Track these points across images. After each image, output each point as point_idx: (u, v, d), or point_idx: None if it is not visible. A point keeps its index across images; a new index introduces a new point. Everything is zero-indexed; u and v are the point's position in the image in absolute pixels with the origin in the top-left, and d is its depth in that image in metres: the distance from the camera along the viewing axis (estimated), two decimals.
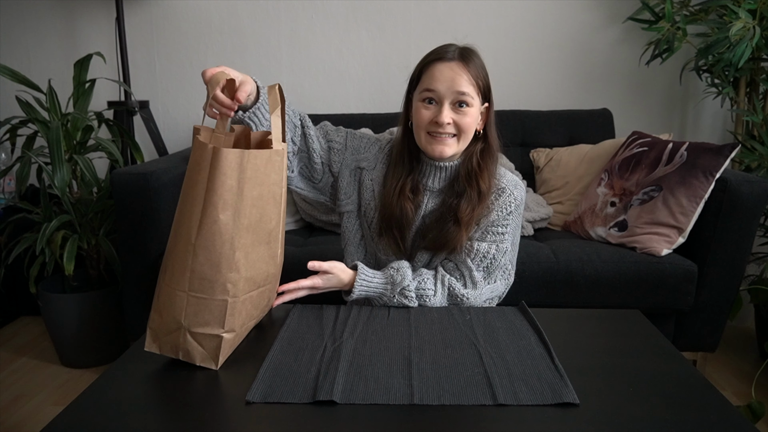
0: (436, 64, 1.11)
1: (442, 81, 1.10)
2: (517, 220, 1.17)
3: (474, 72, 1.11)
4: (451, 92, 1.10)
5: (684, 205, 1.69)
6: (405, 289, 1.09)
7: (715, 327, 1.76)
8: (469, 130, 1.12)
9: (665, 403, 0.73)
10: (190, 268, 0.80)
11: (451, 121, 1.10)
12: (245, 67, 2.44)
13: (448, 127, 1.11)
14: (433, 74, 1.11)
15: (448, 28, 2.37)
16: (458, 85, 1.09)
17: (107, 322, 2.01)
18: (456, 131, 1.12)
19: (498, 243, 1.14)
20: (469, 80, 1.10)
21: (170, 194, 1.77)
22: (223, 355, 0.83)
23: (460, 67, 1.10)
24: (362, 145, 1.24)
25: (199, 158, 0.80)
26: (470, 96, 1.10)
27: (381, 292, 1.11)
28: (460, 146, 1.14)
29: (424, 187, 1.19)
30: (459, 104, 1.10)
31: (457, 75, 1.10)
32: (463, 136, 1.13)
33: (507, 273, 1.18)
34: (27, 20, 2.43)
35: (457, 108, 1.11)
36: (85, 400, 0.74)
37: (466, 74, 1.10)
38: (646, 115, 2.41)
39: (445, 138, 1.11)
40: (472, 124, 1.13)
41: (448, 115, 1.10)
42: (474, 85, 1.11)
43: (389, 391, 0.75)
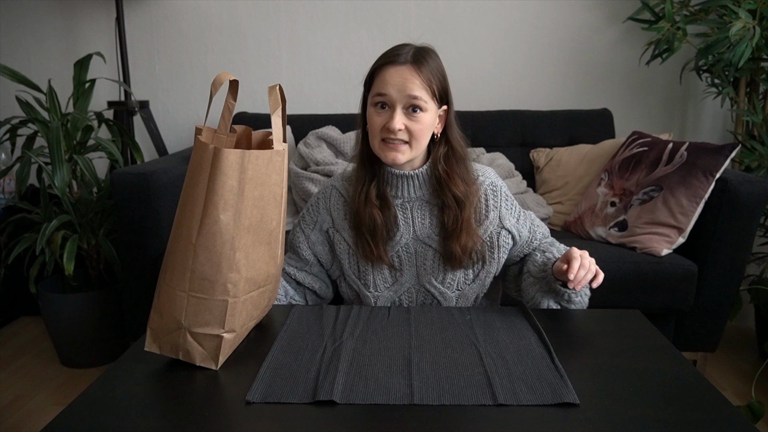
0: (387, 68, 1.06)
1: (393, 85, 1.04)
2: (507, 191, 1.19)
3: (427, 75, 1.05)
4: (402, 97, 1.04)
5: (684, 205, 1.69)
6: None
7: (715, 327, 1.76)
8: (422, 136, 1.07)
9: (665, 403, 0.73)
10: (190, 269, 0.80)
11: (402, 127, 1.04)
12: (245, 67, 2.44)
13: (400, 133, 1.05)
14: (384, 78, 1.05)
15: (448, 28, 2.37)
16: (409, 90, 1.03)
17: (107, 322, 2.01)
18: (408, 138, 1.06)
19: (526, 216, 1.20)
20: (421, 84, 1.04)
21: (170, 194, 1.77)
22: (223, 355, 0.83)
23: (412, 71, 1.04)
24: (314, 215, 1.19)
25: (200, 158, 0.80)
26: (423, 100, 1.04)
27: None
28: (414, 152, 1.08)
29: (398, 198, 1.13)
30: (411, 109, 1.05)
31: (409, 79, 1.04)
32: (415, 143, 1.07)
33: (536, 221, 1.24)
34: (27, 20, 2.43)
35: (410, 113, 1.05)
36: (85, 400, 0.74)
37: (418, 78, 1.04)
38: (646, 115, 2.41)
39: (397, 144, 1.06)
40: (426, 129, 1.07)
41: (399, 121, 1.04)
42: (427, 89, 1.05)
43: (389, 391, 0.75)
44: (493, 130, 2.24)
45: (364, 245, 1.13)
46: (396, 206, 1.13)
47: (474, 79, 2.41)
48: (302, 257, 1.20)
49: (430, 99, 1.06)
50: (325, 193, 1.20)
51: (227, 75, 0.85)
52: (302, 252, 1.19)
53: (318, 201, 1.20)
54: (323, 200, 1.19)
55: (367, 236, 1.12)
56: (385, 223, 1.12)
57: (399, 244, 1.14)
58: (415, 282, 1.15)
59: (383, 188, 1.13)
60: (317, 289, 1.21)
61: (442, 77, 1.09)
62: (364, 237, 1.12)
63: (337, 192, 1.18)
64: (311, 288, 1.20)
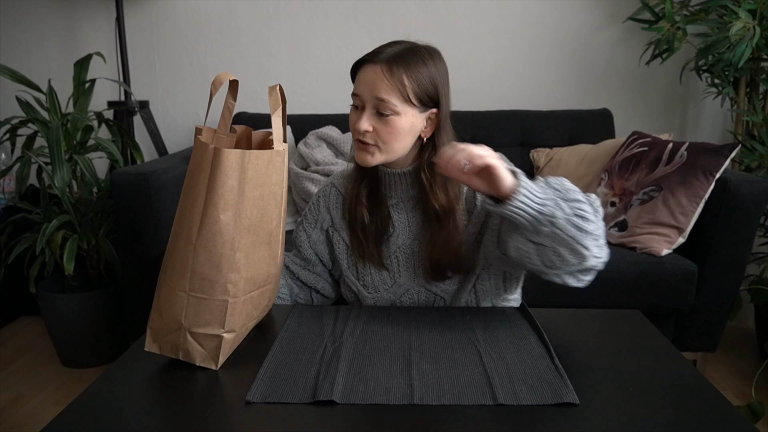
0: (362, 66, 1.02)
1: (365, 84, 1.00)
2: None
3: (399, 77, 0.98)
4: (371, 97, 1.00)
5: (684, 205, 1.69)
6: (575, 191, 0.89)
7: (715, 327, 1.76)
8: (392, 140, 1.01)
9: (665, 403, 0.73)
10: (190, 268, 0.80)
11: (370, 128, 1.00)
12: (245, 67, 2.44)
13: (368, 135, 1.01)
14: (358, 77, 1.02)
15: (448, 28, 2.37)
16: (376, 91, 0.99)
17: (107, 322, 2.01)
18: (375, 141, 1.01)
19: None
20: (390, 87, 0.98)
21: (170, 194, 1.77)
22: (223, 355, 0.83)
23: (383, 72, 0.98)
24: (315, 213, 1.19)
25: (201, 158, 0.80)
26: (392, 104, 0.98)
27: (552, 194, 0.88)
28: (386, 156, 1.03)
29: (392, 198, 1.10)
30: (379, 112, 1.00)
31: (379, 80, 0.98)
32: (385, 146, 1.01)
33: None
34: (27, 20, 2.43)
35: (380, 116, 1.00)
36: (85, 400, 0.74)
37: (388, 81, 0.98)
38: (646, 115, 2.41)
39: (367, 146, 1.02)
40: (397, 134, 1.01)
41: (366, 123, 1.00)
42: (398, 93, 0.98)
43: (389, 391, 0.75)
44: (493, 130, 2.24)
45: (358, 244, 1.12)
46: (391, 206, 1.11)
47: (474, 79, 2.41)
48: (305, 257, 1.19)
49: (402, 103, 0.99)
50: (325, 192, 1.19)
51: (227, 75, 0.85)
52: (304, 251, 1.19)
53: (318, 200, 1.20)
54: (323, 199, 1.19)
55: (359, 235, 1.11)
56: (375, 223, 1.10)
57: (396, 245, 1.12)
58: (415, 283, 1.12)
59: (377, 187, 1.11)
60: (320, 289, 1.20)
61: (430, 80, 1.01)
62: (357, 236, 1.11)
63: (336, 190, 1.17)
64: (315, 288, 1.20)
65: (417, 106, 1.01)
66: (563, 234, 0.86)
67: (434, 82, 1.02)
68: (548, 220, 0.86)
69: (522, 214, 0.86)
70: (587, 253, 0.88)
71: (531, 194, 0.87)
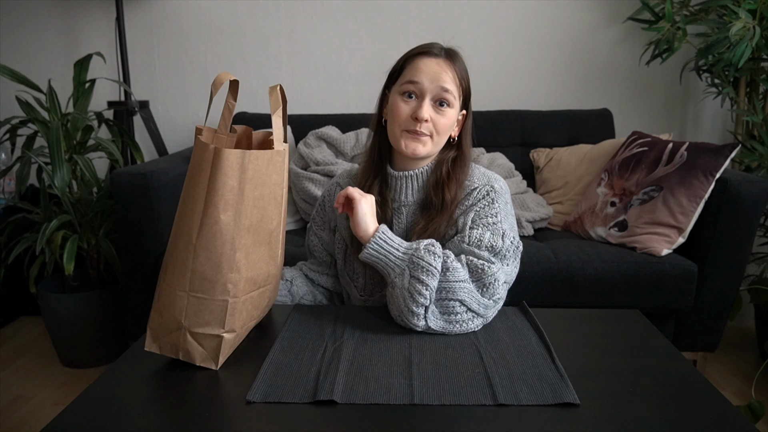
0: (421, 58, 1.05)
1: (427, 74, 1.03)
2: (505, 207, 1.06)
3: (459, 73, 1.05)
4: (434, 87, 1.02)
5: (684, 205, 1.69)
6: (431, 245, 0.97)
7: (715, 327, 1.76)
8: (444, 131, 1.05)
9: (665, 403, 0.73)
10: (190, 269, 0.80)
11: (429, 118, 1.02)
12: (245, 67, 2.44)
13: (426, 125, 1.03)
14: (418, 66, 1.04)
15: (448, 28, 2.37)
16: (443, 81, 1.02)
17: (107, 322, 2.01)
18: (431, 131, 1.04)
19: (492, 231, 1.02)
20: (453, 79, 1.04)
21: (170, 194, 1.77)
22: (223, 355, 0.83)
23: (447, 64, 1.04)
24: (322, 214, 1.20)
25: (201, 158, 0.80)
26: (452, 95, 1.04)
27: (404, 250, 0.98)
28: (433, 148, 1.06)
29: (395, 202, 1.11)
30: (440, 103, 1.03)
31: (443, 71, 1.03)
32: (437, 138, 1.05)
33: (516, 254, 1.03)
34: (27, 20, 2.43)
35: (438, 107, 1.03)
36: (85, 400, 0.74)
37: (452, 72, 1.04)
38: (646, 115, 2.41)
39: (420, 136, 1.04)
40: (448, 127, 1.05)
41: (427, 111, 1.02)
42: (458, 86, 1.05)
43: (389, 391, 0.75)
44: (493, 130, 2.24)
45: (358, 246, 1.10)
46: (393, 210, 1.12)
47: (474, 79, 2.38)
48: (321, 260, 1.20)
49: (457, 97, 1.05)
50: (330, 191, 1.20)
51: (227, 75, 0.85)
52: (319, 255, 1.19)
53: (324, 200, 1.20)
54: (328, 198, 1.19)
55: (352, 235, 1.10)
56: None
57: None
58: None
59: (384, 191, 1.11)
60: (341, 291, 1.21)
61: (468, 80, 1.08)
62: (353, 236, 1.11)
63: (340, 188, 1.17)
64: (336, 290, 1.21)
65: (461, 103, 1.07)
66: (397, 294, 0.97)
67: (468, 84, 1.09)
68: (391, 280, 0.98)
69: (374, 261, 1.00)
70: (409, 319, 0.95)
71: (382, 250, 0.99)
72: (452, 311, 0.94)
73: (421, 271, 0.94)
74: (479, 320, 0.96)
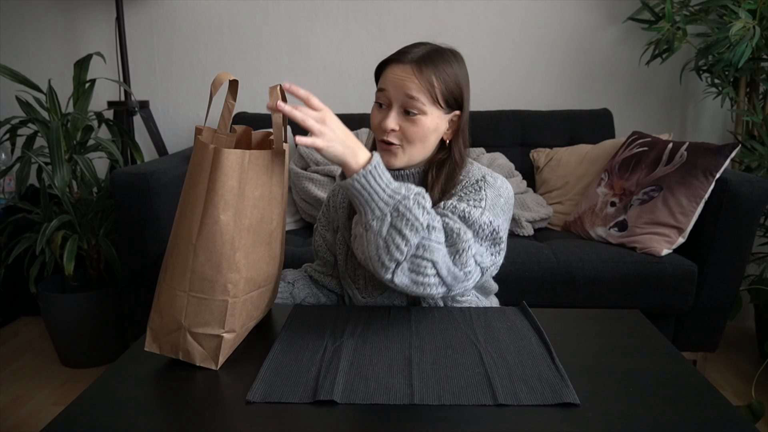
0: (391, 65, 1.02)
1: (393, 82, 1.00)
2: (494, 200, 1.00)
3: (428, 77, 0.99)
4: (399, 95, 0.99)
5: (684, 205, 1.69)
6: (421, 196, 0.89)
7: (715, 327, 1.76)
8: (416, 140, 1.01)
9: (665, 403, 0.73)
10: (190, 269, 0.80)
11: (396, 127, 1.00)
12: (245, 67, 2.44)
13: (393, 134, 1.00)
14: (386, 74, 1.02)
15: (448, 28, 2.37)
16: (407, 89, 0.98)
17: (107, 322, 2.01)
18: (400, 140, 1.01)
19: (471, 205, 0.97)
20: (420, 85, 0.98)
21: (170, 194, 1.77)
22: (223, 356, 0.83)
23: (413, 71, 0.99)
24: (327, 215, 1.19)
25: (201, 158, 0.80)
26: (420, 102, 0.98)
27: (391, 192, 0.88)
28: (410, 157, 1.03)
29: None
30: (407, 111, 0.99)
31: (408, 79, 0.98)
32: (408, 146, 1.01)
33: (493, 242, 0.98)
34: (27, 20, 2.43)
35: (406, 115, 1.00)
36: (85, 400, 0.74)
37: (418, 79, 0.98)
38: (646, 115, 2.41)
39: (391, 147, 1.01)
40: (422, 134, 1.00)
41: (393, 121, 0.99)
42: (427, 92, 0.99)
43: (389, 391, 0.75)
44: (493, 130, 2.24)
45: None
46: None
47: (474, 79, 2.37)
48: (325, 261, 1.19)
49: (430, 103, 1.00)
50: (334, 192, 1.19)
51: (227, 75, 0.85)
52: (323, 255, 1.19)
53: (329, 200, 1.20)
54: (332, 199, 1.19)
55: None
56: None
57: None
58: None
59: None
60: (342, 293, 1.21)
61: (454, 82, 1.02)
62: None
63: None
64: (340, 293, 1.20)
65: (443, 107, 1.02)
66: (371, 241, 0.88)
67: (459, 84, 1.03)
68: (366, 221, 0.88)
69: (354, 194, 0.88)
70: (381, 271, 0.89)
71: (368, 186, 0.87)
72: (422, 272, 0.89)
73: (405, 223, 0.86)
74: (443, 289, 0.93)
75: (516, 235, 1.94)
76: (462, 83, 1.04)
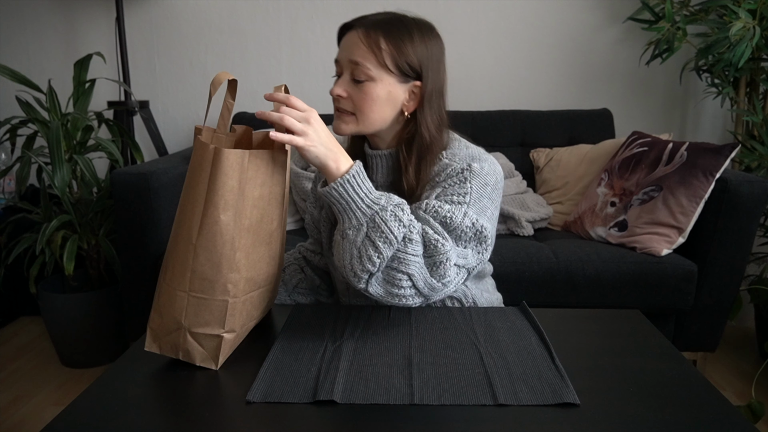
0: (345, 32, 1.00)
1: (342, 50, 0.98)
2: (480, 189, 0.96)
3: (376, 41, 0.94)
4: (346, 62, 0.96)
5: (684, 205, 1.69)
6: (400, 208, 0.87)
7: (715, 327, 1.76)
8: (366, 108, 0.96)
9: (665, 403, 0.73)
10: (190, 269, 0.80)
11: (344, 94, 0.97)
12: (245, 67, 2.44)
13: (343, 102, 0.97)
14: (340, 44, 1.00)
15: (448, 28, 2.37)
16: (352, 54, 0.95)
17: (107, 322, 2.01)
18: (352, 108, 0.98)
19: (453, 205, 0.94)
20: (366, 51, 0.94)
21: (170, 194, 1.77)
22: (223, 356, 0.83)
23: (362, 36, 0.95)
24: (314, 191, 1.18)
25: (201, 158, 0.80)
26: (366, 68, 0.94)
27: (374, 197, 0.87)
28: (362, 127, 0.99)
29: (372, 182, 1.04)
30: (354, 78, 0.96)
31: (355, 44, 0.95)
32: (360, 115, 0.98)
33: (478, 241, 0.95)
34: (27, 20, 2.43)
35: (355, 82, 0.96)
36: (85, 400, 0.74)
37: (366, 43, 0.94)
38: (646, 115, 2.41)
39: (342, 114, 0.98)
40: (373, 102, 0.96)
41: (339, 88, 0.97)
42: (373, 57, 0.94)
43: (389, 391, 0.75)
44: (493, 130, 2.24)
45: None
46: None
47: (474, 79, 2.41)
48: (316, 239, 1.18)
49: (377, 67, 0.95)
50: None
51: (226, 74, 0.85)
52: (311, 232, 1.18)
53: (317, 177, 1.18)
54: (320, 174, 1.15)
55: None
56: None
57: None
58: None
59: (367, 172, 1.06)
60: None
61: (412, 49, 0.96)
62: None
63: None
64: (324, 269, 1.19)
65: (395, 74, 0.97)
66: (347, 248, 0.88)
67: (417, 53, 0.97)
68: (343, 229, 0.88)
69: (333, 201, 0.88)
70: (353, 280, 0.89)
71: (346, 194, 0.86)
72: (397, 284, 0.89)
73: (380, 235, 0.85)
74: (420, 299, 0.92)
75: (516, 235, 1.94)
76: (422, 52, 0.98)
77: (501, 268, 1.65)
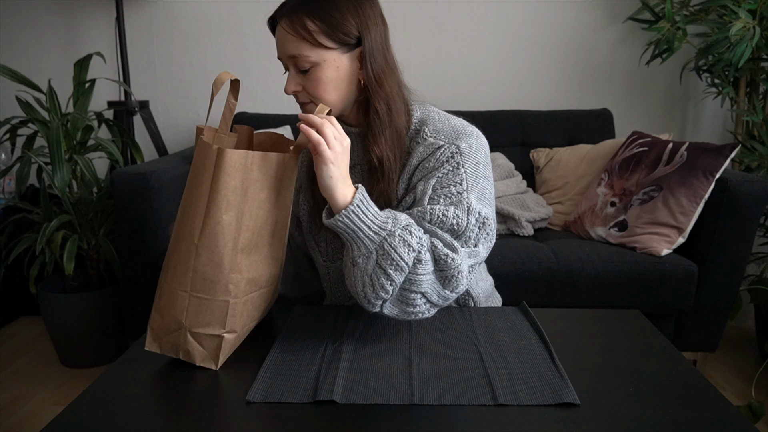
0: (277, 27, 0.94)
1: (278, 47, 0.94)
2: (474, 170, 0.94)
3: (302, 24, 0.90)
4: (286, 59, 0.94)
5: (684, 205, 1.69)
6: (408, 232, 0.85)
7: (715, 327, 1.76)
8: (321, 93, 0.93)
9: (665, 403, 0.73)
10: (192, 268, 0.80)
11: (298, 88, 0.94)
12: (245, 67, 2.44)
13: (301, 95, 0.95)
14: (276, 38, 0.96)
15: (448, 28, 2.37)
16: (287, 49, 0.92)
17: (107, 322, 2.01)
18: (311, 99, 0.95)
19: (456, 204, 0.92)
20: (299, 38, 0.90)
21: (170, 194, 1.77)
22: (223, 356, 0.83)
23: (287, 26, 0.91)
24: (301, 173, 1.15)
25: (203, 158, 0.80)
26: (304, 56, 0.91)
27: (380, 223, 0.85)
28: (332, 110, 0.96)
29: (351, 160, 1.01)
30: (300, 70, 0.93)
31: (284, 37, 0.92)
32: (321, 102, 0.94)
33: (485, 232, 0.94)
34: (27, 20, 2.43)
35: (302, 74, 0.93)
36: (85, 400, 0.74)
37: (293, 32, 0.90)
38: (646, 115, 2.41)
39: (305, 106, 0.96)
40: (323, 86, 0.93)
41: (290, 85, 0.94)
42: (305, 40, 0.90)
43: (389, 391, 0.75)
44: (493, 130, 2.24)
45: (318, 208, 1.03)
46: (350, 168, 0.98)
47: (474, 79, 2.41)
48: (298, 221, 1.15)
49: (314, 49, 0.91)
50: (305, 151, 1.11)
51: (228, 75, 0.85)
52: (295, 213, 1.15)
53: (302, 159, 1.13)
54: (305, 157, 1.11)
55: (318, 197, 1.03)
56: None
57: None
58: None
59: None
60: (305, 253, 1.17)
61: (340, 15, 0.91)
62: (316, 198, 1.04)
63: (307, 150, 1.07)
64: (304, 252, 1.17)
65: (335, 47, 0.92)
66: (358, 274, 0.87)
67: (347, 15, 0.92)
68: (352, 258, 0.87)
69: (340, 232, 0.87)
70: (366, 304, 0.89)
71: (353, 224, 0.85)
72: (411, 303, 0.88)
73: (390, 263, 0.84)
74: (435, 309, 0.91)
75: (516, 235, 1.94)
76: (352, 12, 0.92)
77: (501, 268, 1.65)
